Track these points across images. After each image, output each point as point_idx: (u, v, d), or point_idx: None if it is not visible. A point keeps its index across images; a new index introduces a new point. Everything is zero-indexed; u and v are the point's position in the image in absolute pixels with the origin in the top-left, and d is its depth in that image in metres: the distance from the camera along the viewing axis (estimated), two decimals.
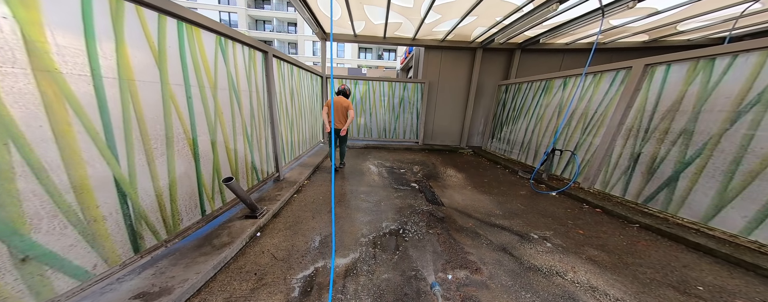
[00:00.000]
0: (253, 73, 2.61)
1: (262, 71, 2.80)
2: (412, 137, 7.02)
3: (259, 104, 2.77)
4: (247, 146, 2.55)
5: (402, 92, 6.58)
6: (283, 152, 3.61)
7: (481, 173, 4.60)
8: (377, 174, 4.44)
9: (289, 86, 3.71)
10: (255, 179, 2.83)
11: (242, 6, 21.76)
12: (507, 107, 5.41)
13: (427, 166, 5.14)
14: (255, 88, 2.65)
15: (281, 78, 3.39)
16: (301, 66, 4.29)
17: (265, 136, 2.98)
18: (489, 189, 3.72)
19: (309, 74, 4.92)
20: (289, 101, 3.76)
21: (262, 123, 2.86)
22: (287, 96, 3.63)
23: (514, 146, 5.03)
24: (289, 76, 3.73)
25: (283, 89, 3.44)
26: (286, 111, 3.63)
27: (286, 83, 3.60)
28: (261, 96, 2.80)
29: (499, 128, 5.67)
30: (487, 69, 6.39)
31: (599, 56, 5.82)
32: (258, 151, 2.84)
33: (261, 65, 2.76)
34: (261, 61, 2.76)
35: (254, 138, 2.72)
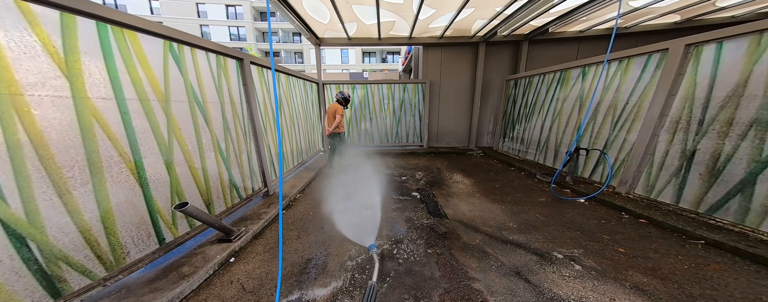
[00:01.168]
0: (225, 83, 2.39)
1: (238, 80, 2.58)
2: (415, 140, 6.65)
3: (236, 116, 2.54)
4: (221, 164, 2.31)
5: (402, 93, 6.26)
6: (272, 165, 3.38)
7: (492, 177, 4.14)
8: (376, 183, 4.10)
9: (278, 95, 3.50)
10: (235, 197, 2.59)
11: (249, 20, 22.59)
12: (518, 103, 4.92)
13: (432, 171, 4.74)
14: (228, 99, 2.42)
15: (265, 87, 3.17)
16: (291, 73, 4.09)
17: (246, 150, 2.75)
18: (501, 196, 3.27)
19: (301, 82, 4.72)
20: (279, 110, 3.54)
21: (241, 137, 2.63)
22: (274, 105, 3.42)
23: (530, 146, 4.53)
24: (277, 83, 3.53)
25: (268, 99, 3.22)
26: (274, 122, 3.41)
27: (282, 91, 3.39)
28: (238, 107, 2.57)
29: (511, 127, 5.18)
30: (492, 64, 5.95)
31: (622, 42, 5.20)
32: (238, 167, 2.60)
33: (236, 74, 2.54)
34: (235, 69, 2.54)
35: (232, 153, 2.48)
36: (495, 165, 4.94)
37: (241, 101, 2.61)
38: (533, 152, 4.45)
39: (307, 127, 5.01)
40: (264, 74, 3.17)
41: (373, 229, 2.39)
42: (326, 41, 5.87)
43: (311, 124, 5.28)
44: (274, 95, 1.99)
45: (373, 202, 3.09)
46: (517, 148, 4.97)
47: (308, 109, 5.08)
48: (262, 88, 3.10)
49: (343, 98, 4.23)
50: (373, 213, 2.77)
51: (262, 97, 3.08)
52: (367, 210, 2.87)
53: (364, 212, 2.83)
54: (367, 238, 2.18)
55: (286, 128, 3.90)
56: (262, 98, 3.10)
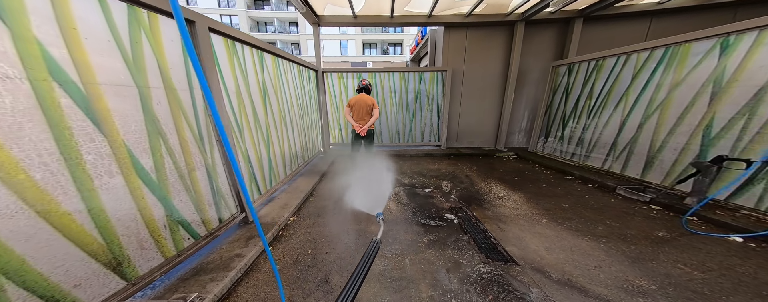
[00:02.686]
0: (152, 54, 1.37)
1: (182, 54, 1.55)
2: (432, 139, 5.64)
3: (180, 112, 1.53)
4: (142, 192, 1.31)
5: (417, 84, 5.21)
6: (253, 180, 2.38)
7: (549, 191, 3.14)
8: (393, 197, 3.14)
9: (259, 82, 2.47)
10: (187, 238, 1.61)
11: (242, 8, 21.09)
12: (574, 94, 3.87)
13: (460, 180, 3.76)
14: (160, 82, 1.41)
15: (240, 71, 2.14)
16: (281, 55, 3.04)
17: (203, 164, 1.74)
18: (585, 225, 2.27)
19: (296, 67, 3.66)
20: (261, 104, 2.52)
21: (191, 144, 1.62)
22: (255, 97, 2.39)
23: (595, 149, 3.50)
24: (260, 68, 2.49)
25: (245, 87, 2.20)
26: (257, 119, 2.39)
27: (253, 77, 2.36)
28: (184, 97, 1.56)
29: (560, 124, 4.14)
30: (530, 49, 4.87)
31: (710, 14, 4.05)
32: (188, 191, 1.60)
33: (172, 44, 1.51)
34: (173, 35, 1.51)
35: (171, 172, 1.48)
36: (541, 173, 3.94)
37: (189, 87, 1.59)
38: (601, 157, 3.41)
39: (304, 124, 3.99)
40: (237, 51, 2.13)
41: (405, 283, 1.51)
42: (327, 20, 4.77)
43: (308, 120, 4.25)
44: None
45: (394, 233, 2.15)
46: (570, 151, 3.96)
47: (304, 101, 4.04)
48: (234, 70, 2.07)
49: (367, 87, 3.47)
50: (400, 254, 1.83)
51: (233, 82, 2.05)
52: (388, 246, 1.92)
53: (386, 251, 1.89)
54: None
55: (275, 127, 2.88)
56: (235, 84, 2.07)
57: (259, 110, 2.48)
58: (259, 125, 2.48)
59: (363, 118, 3.37)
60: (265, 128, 2.61)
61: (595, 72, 3.47)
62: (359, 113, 3.38)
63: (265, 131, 2.63)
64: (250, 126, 2.30)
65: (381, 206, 2.15)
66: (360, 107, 3.34)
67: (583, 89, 3.67)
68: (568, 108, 3.97)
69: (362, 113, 3.36)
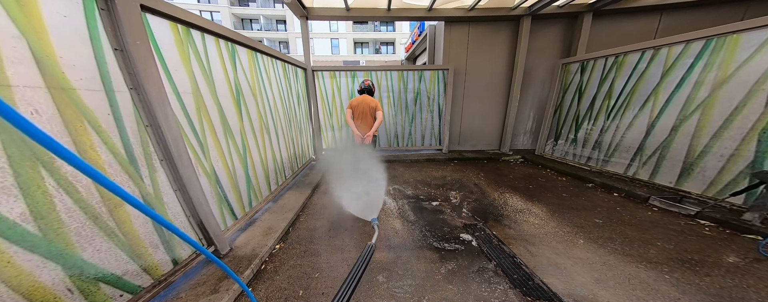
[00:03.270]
0: (19, 40, 0.87)
1: (87, 41, 1.05)
2: (433, 143, 5.24)
3: (94, 125, 1.03)
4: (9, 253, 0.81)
5: (417, 83, 4.80)
6: (225, 204, 1.87)
7: (573, 201, 2.79)
8: (397, 213, 2.72)
9: (230, 82, 1.97)
10: (117, 296, 1.11)
11: (225, 4, 20.03)
12: (587, 93, 3.55)
13: (469, 189, 3.38)
14: (39, 80, 0.90)
15: (200, 67, 1.64)
16: (261, 49, 2.53)
17: (142, 193, 1.24)
18: (631, 246, 1.90)
19: (280, 64, 3.16)
20: (234, 109, 2.01)
21: (120, 170, 1.12)
22: (225, 101, 1.89)
23: (617, 153, 3.17)
24: (231, 64, 1.99)
25: (208, 88, 1.69)
26: (227, 127, 1.89)
27: (221, 75, 1.85)
28: (93, 104, 1.06)
29: (573, 125, 3.82)
30: (535, 45, 4.56)
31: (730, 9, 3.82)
32: (107, 237, 1.10)
33: (63, 22, 1.01)
34: (60, 9, 1.00)
35: (72, 215, 0.98)
36: (556, 179, 3.59)
37: (104, 87, 1.09)
38: (623, 162, 3.08)
39: (292, 130, 3.49)
40: (194, 41, 1.62)
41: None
42: (316, 12, 4.28)
43: (297, 125, 3.75)
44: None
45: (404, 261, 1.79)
46: (585, 154, 3.63)
47: (292, 104, 3.53)
48: (189, 65, 1.56)
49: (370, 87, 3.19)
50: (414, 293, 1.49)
51: (189, 82, 1.54)
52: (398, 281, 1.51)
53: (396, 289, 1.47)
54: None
55: (254, 135, 2.38)
56: (192, 84, 1.57)
57: (230, 116, 1.97)
58: (230, 135, 1.97)
59: (365, 121, 3.09)
60: (239, 137, 2.11)
61: (614, 69, 3.15)
62: (361, 117, 3.09)
63: (241, 141, 2.13)
64: (216, 137, 1.80)
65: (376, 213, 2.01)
66: (362, 110, 3.04)
67: (599, 88, 3.35)
68: (582, 108, 3.66)
69: (365, 116, 3.07)
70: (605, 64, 3.27)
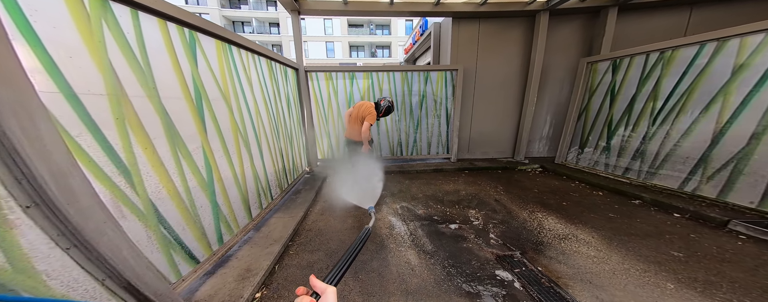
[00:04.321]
0: None
1: None
2: (440, 151, 4.74)
3: None
4: None
5: (423, 85, 4.32)
6: (177, 248, 1.29)
7: (629, 225, 2.26)
8: (410, 241, 2.22)
9: (184, 79, 1.41)
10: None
11: (215, 6, 19.40)
12: (622, 94, 3.07)
13: (490, 207, 2.88)
14: None
15: (126, 56, 1.09)
16: (236, 42, 1.98)
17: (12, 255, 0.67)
18: (744, 294, 1.38)
19: (265, 62, 2.62)
20: (192, 117, 1.45)
21: None
22: (175, 105, 1.33)
23: (668, 165, 2.68)
24: (188, 56, 1.44)
25: (142, 87, 1.14)
26: (176, 142, 1.32)
27: (170, 70, 1.30)
28: None
29: (605, 131, 3.34)
30: (553, 43, 4.14)
31: None
32: None
33: None
34: None
35: None
36: (591, 194, 3.09)
37: None
38: (678, 176, 2.56)
39: (280, 140, 2.92)
40: (116, 17, 1.07)
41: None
42: (309, 7, 3.78)
43: (286, 134, 3.19)
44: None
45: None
46: (622, 165, 3.15)
47: (280, 109, 2.98)
48: (101, 52, 1.00)
49: (389, 109, 2.96)
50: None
51: (98, 78, 0.98)
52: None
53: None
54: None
55: (225, 151, 1.81)
56: (109, 81, 1.01)
57: (185, 127, 1.41)
58: (184, 152, 1.41)
59: (353, 129, 2.99)
60: (200, 154, 1.54)
61: (660, 66, 2.70)
62: (350, 125, 3.03)
63: (202, 159, 1.56)
64: (157, 156, 1.23)
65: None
66: (352, 117, 2.99)
67: (640, 88, 2.89)
68: (616, 112, 3.20)
69: (353, 123, 2.99)
70: (646, 61, 2.83)
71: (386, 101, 2.90)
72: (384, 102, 2.89)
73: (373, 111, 2.81)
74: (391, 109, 2.93)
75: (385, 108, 2.89)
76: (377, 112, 2.86)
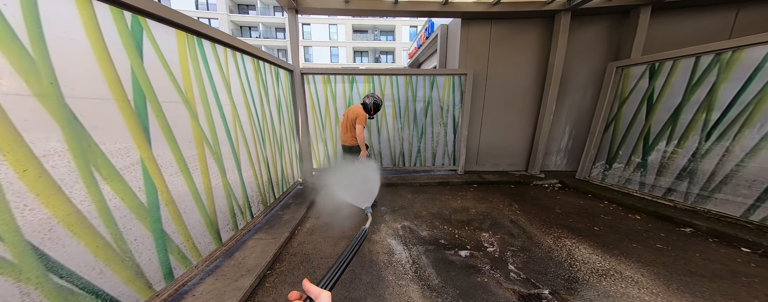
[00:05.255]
0: None
1: None
2: (446, 162, 4.34)
3: None
4: None
5: (428, 91, 3.97)
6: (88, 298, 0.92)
7: (684, 259, 1.82)
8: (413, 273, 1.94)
9: (114, 72, 1.08)
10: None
11: (223, 11, 19.68)
12: (663, 103, 2.62)
13: (507, 229, 2.49)
14: None
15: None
16: (210, 35, 1.66)
17: None
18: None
19: (250, 62, 2.30)
20: (123, 121, 1.11)
21: None
22: (93, 106, 0.99)
23: (726, 188, 2.20)
24: (124, 41, 1.11)
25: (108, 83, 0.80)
26: (87, 160, 0.98)
27: (90, 58, 0.97)
28: None
29: (641, 145, 2.88)
30: (573, 46, 3.76)
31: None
32: None
33: None
34: None
35: None
36: (626, 217, 2.61)
37: None
38: (740, 202, 2.03)
39: (266, 150, 2.57)
40: None
41: None
42: (307, 4, 3.50)
43: (276, 142, 2.84)
44: None
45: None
46: (662, 185, 2.67)
47: (270, 116, 2.64)
48: (7, 39, 0.66)
49: (377, 105, 2.78)
50: None
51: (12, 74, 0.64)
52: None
53: None
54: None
55: (182, 166, 1.46)
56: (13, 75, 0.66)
57: (111, 137, 1.06)
58: (105, 174, 1.05)
59: (347, 133, 2.81)
60: (138, 173, 1.18)
61: (716, 71, 2.27)
62: (343, 129, 2.84)
63: (141, 180, 1.20)
64: (47, 180, 0.87)
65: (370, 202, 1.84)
66: (344, 121, 2.82)
67: (688, 96, 2.45)
68: (655, 123, 2.75)
69: (345, 128, 2.81)
70: (695, 64, 2.41)
71: (371, 97, 2.74)
72: (369, 100, 2.74)
73: (362, 112, 2.66)
74: (378, 104, 2.78)
75: (372, 105, 2.74)
76: (366, 112, 2.72)
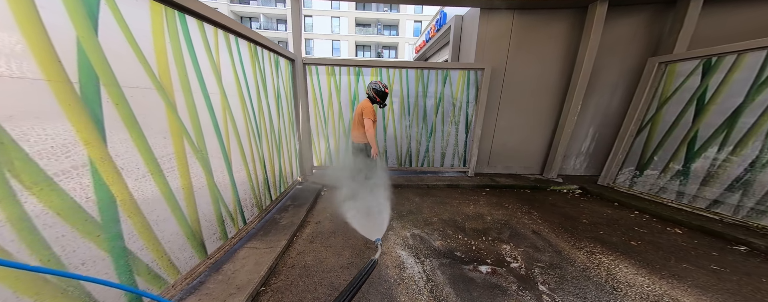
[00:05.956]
0: None
1: None
2: (456, 163, 4.06)
3: None
4: None
5: (440, 86, 3.65)
6: None
7: (752, 286, 1.55)
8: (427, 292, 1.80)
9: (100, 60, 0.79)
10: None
11: (224, 1, 19.14)
12: (718, 104, 2.27)
13: (529, 241, 2.24)
14: None
15: None
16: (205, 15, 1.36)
17: None
18: None
19: (247, 47, 2.00)
20: (118, 113, 0.83)
21: None
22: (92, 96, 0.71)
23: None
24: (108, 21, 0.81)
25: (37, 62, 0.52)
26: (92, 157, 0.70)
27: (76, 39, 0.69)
28: None
29: (684, 151, 2.56)
30: (607, 41, 3.41)
31: None
32: None
33: None
34: None
35: None
36: (663, 230, 2.32)
37: None
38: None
39: (262, 146, 2.28)
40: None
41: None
42: None
43: (274, 138, 2.56)
44: None
45: None
46: (709, 196, 2.36)
47: (268, 108, 2.34)
48: None
49: (377, 91, 2.53)
50: None
51: None
52: None
53: None
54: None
55: (155, 169, 1.18)
56: None
57: (39, 136, 0.77)
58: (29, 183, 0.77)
59: (356, 129, 2.67)
60: (87, 180, 0.90)
61: None
62: (354, 126, 2.68)
63: (91, 189, 0.92)
64: None
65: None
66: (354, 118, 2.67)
67: (752, 96, 2.11)
68: (705, 127, 2.43)
69: (355, 124, 2.66)
70: (765, 60, 2.08)
71: (372, 86, 2.51)
72: (370, 92, 2.52)
73: (368, 105, 2.48)
74: (380, 90, 2.52)
75: (379, 93, 2.51)
76: (372, 102, 2.54)
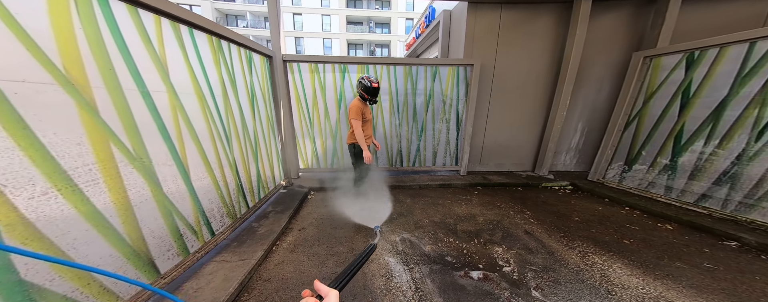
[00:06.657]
0: None
1: None
2: (448, 162, 3.96)
3: None
4: None
5: (429, 83, 3.54)
6: None
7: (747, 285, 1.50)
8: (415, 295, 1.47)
9: None
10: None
11: None
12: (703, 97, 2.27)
13: (522, 242, 2.17)
14: None
15: None
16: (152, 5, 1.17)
17: None
18: None
19: (209, 40, 1.80)
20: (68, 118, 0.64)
21: None
22: None
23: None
24: None
25: None
26: None
27: None
28: None
29: (671, 145, 2.55)
30: (593, 36, 3.37)
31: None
32: None
33: None
34: None
35: None
36: (655, 226, 2.28)
37: None
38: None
39: (239, 147, 2.09)
40: None
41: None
42: None
43: (249, 142, 2.36)
44: None
45: None
46: (694, 190, 2.36)
47: (238, 109, 2.15)
48: None
49: (365, 87, 2.28)
50: None
51: None
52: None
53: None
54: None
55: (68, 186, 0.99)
56: None
57: None
58: None
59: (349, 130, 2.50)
60: None
61: None
62: None
63: None
64: None
65: None
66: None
67: (737, 89, 2.11)
68: (691, 120, 2.42)
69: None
70: (748, 53, 2.06)
71: (360, 82, 2.29)
72: (358, 89, 2.31)
73: (355, 104, 2.29)
74: (371, 88, 2.25)
75: (367, 90, 2.25)
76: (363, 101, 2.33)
